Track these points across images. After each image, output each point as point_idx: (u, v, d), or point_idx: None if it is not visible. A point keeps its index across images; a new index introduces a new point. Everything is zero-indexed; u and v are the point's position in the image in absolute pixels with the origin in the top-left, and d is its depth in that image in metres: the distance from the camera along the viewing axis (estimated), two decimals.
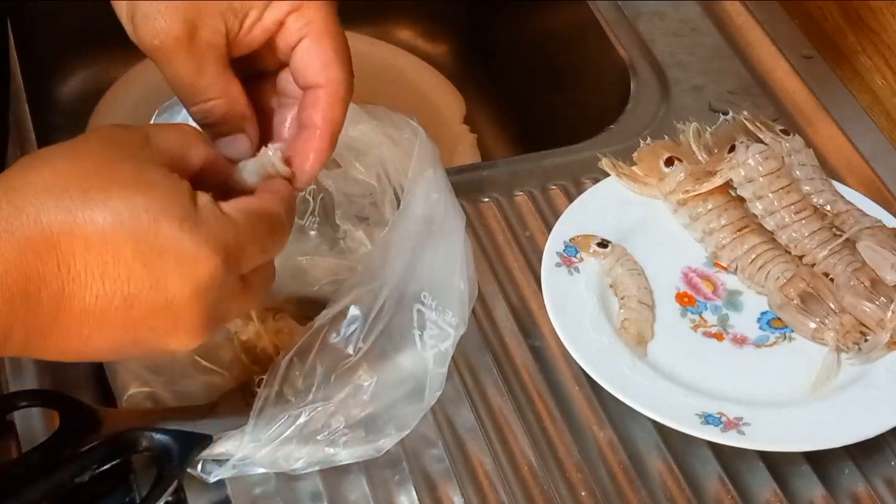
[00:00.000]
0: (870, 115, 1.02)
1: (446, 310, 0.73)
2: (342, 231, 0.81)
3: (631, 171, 0.90)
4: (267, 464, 0.70)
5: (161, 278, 0.55)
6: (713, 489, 0.75)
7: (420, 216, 0.73)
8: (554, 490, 0.74)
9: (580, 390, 0.79)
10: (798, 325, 0.82)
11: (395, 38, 1.28)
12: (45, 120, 1.07)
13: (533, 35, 1.22)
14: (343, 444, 0.71)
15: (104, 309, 0.55)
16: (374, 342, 0.71)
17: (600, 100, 1.09)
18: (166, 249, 0.55)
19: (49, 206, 0.53)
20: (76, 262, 0.54)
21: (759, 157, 0.86)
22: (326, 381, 0.70)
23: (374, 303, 0.71)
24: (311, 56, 0.64)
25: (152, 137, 0.58)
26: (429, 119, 1.19)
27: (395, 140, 0.76)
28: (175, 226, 0.55)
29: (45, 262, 0.53)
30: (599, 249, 0.85)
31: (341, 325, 0.71)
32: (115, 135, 0.57)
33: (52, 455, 0.67)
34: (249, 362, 0.75)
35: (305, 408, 0.70)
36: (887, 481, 0.77)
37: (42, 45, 1.12)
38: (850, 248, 0.85)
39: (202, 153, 0.60)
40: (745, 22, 1.09)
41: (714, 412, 0.76)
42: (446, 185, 0.75)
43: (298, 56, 0.64)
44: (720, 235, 0.86)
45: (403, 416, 0.72)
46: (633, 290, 0.83)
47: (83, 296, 0.54)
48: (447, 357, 0.73)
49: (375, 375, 0.71)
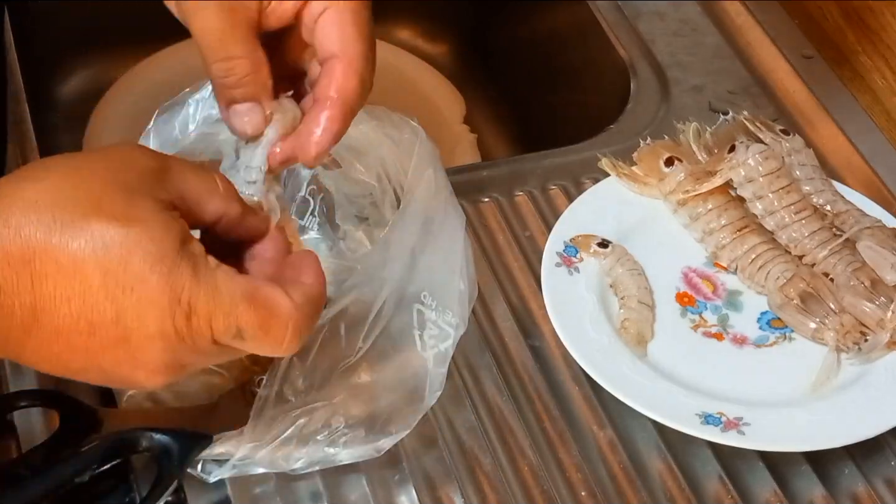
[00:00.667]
0: (870, 115, 1.02)
1: (446, 310, 0.73)
2: (342, 231, 0.81)
3: (631, 171, 0.90)
4: (267, 464, 0.70)
5: (122, 313, 0.54)
6: (713, 489, 0.75)
7: (420, 216, 0.73)
8: (554, 490, 0.74)
9: (580, 390, 0.79)
10: (798, 325, 0.82)
11: (395, 38, 1.28)
12: (45, 120, 1.07)
13: (533, 35, 1.22)
14: (343, 444, 0.71)
15: (70, 331, 0.54)
16: (374, 342, 0.71)
17: (600, 100, 1.09)
18: (132, 287, 0.54)
19: (32, 221, 0.53)
20: (47, 283, 0.53)
21: (759, 157, 0.86)
22: (326, 381, 0.70)
23: (374, 303, 0.71)
24: (331, 25, 0.63)
25: (173, 173, 0.57)
26: (429, 119, 1.19)
27: (396, 140, 0.76)
28: (146, 265, 0.54)
29: (19, 276, 0.53)
30: (600, 249, 0.85)
31: (341, 325, 0.71)
32: (131, 159, 0.56)
33: (52, 455, 0.67)
34: (249, 362, 0.75)
35: (305, 408, 0.70)
36: (887, 481, 0.77)
37: (42, 45, 1.12)
38: (850, 248, 0.85)
39: (220, 207, 0.59)
40: (745, 22, 1.09)
41: (714, 412, 0.76)
42: (446, 185, 0.75)
43: (319, 26, 0.63)
44: (720, 235, 0.86)
45: (403, 416, 0.72)
46: (633, 290, 0.83)
47: (52, 315, 0.54)
48: (447, 357, 0.73)
49: (375, 375, 0.71)
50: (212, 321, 0.55)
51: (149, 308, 0.54)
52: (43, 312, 0.54)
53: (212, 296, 0.55)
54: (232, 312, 0.56)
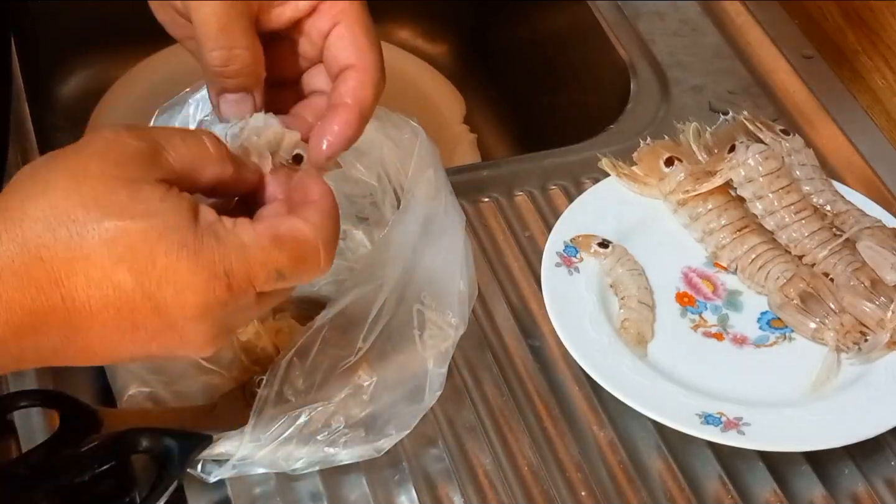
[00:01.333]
0: (870, 115, 1.02)
1: (446, 310, 0.73)
2: (342, 231, 0.81)
3: (631, 171, 0.90)
4: (267, 464, 0.70)
5: (162, 306, 0.55)
6: (713, 489, 0.75)
7: (420, 216, 0.73)
8: (554, 490, 0.74)
9: (580, 390, 0.79)
10: (798, 325, 0.82)
11: (395, 38, 1.28)
12: (45, 120, 1.07)
13: (533, 35, 1.22)
14: (343, 444, 0.71)
15: (113, 332, 0.55)
16: (374, 342, 0.71)
17: (600, 100, 1.09)
18: (165, 279, 0.54)
19: (48, 242, 0.53)
20: (79, 296, 0.54)
21: (759, 157, 0.86)
22: (326, 381, 0.70)
23: (374, 303, 0.71)
24: (345, 40, 0.65)
25: (163, 149, 0.57)
26: (429, 119, 1.19)
27: (396, 140, 0.76)
28: (172, 255, 0.54)
29: (48, 297, 0.53)
30: (600, 249, 0.85)
31: (341, 325, 0.71)
32: (118, 145, 0.56)
33: (51, 455, 0.67)
34: (249, 362, 0.75)
35: (305, 408, 0.70)
36: (887, 481, 0.77)
37: (42, 45, 1.12)
38: (850, 248, 0.85)
39: (216, 171, 0.59)
40: (745, 22, 1.09)
41: (714, 412, 0.76)
42: (446, 185, 0.75)
43: (332, 40, 0.65)
44: (720, 235, 0.86)
45: (403, 416, 0.72)
46: (634, 290, 0.83)
47: (92, 323, 0.54)
48: (447, 357, 0.73)
49: (375, 375, 0.71)
50: (251, 277, 0.56)
51: (187, 293, 0.55)
52: (82, 324, 0.54)
53: (242, 254, 0.56)
54: (267, 261, 0.57)
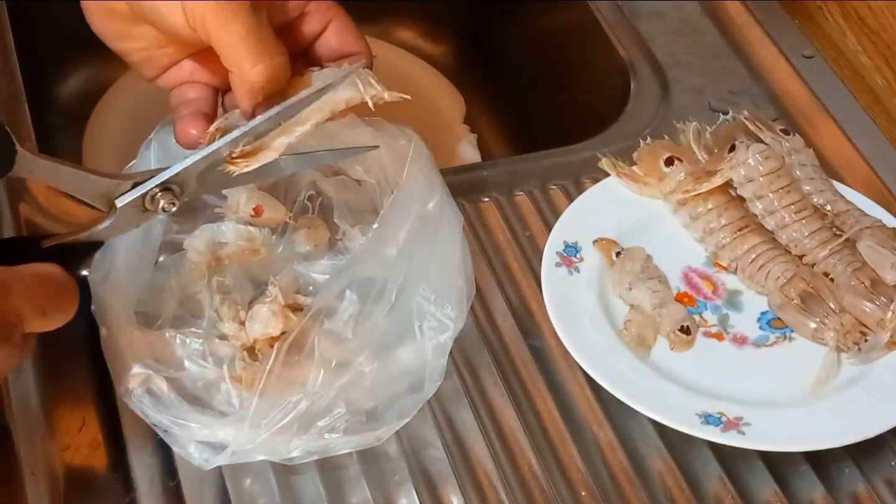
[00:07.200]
0: (870, 115, 1.02)
1: (445, 304, 0.74)
2: (340, 232, 0.81)
3: (631, 171, 0.90)
4: (266, 451, 0.70)
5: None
6: (713, 489, 0.75)
7: (415, 208, 0.74)
8: (554, 490, 0.74)
9: (580, 390, 0.79)
10: (798, 325, 0.82)
11: (395, 38, 1.28)
12: (45, 120, 1.07)
13: (533, 35, 1.22)
14: (343, 430, 0.71)
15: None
16: (373, 331, 0.71)
17: (600, 100, 1.09)
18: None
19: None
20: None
21: (759, 156, 0.86)
22: (327, 368, 0.70)
23: (371, 291, 0.71)
24: (344, 33, 0.72)
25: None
26: (429, 119, 1.19)
27: (393, 147, 0.76)
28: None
29: None
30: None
31: (339, 311, 0.71)
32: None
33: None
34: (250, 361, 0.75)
35: (306, 394, 0.70)
36: (887, 481, 0.77)
37: (42, 45, 1.12)
38: (851, 247, 0.85)
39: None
40: (745, 22, 1.09)
41: (714, 412, 0.76)
42: (442, 187, 0.76)
43: (331, 34, 0.72)
44: (720, 235, 0.86)
45: (403, 404, 0.72)
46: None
47: None
48: (446, 349, 0.73)
49: (375, 364, 0.71)
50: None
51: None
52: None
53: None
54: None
